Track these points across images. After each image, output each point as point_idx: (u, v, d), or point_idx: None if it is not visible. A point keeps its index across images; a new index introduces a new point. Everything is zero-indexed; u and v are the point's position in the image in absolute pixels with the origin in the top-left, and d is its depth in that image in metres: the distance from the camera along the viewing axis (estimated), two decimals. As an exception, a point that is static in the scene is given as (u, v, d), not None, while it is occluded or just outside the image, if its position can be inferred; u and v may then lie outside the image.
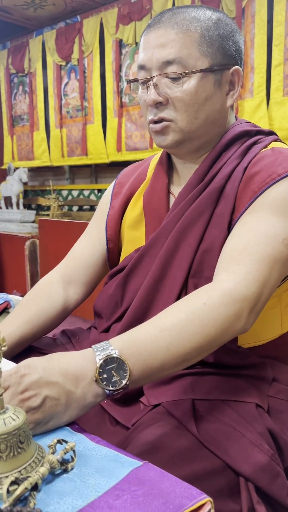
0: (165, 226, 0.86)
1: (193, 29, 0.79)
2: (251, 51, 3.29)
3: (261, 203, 0.77)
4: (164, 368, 0.64)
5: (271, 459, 0.67)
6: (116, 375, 0.59)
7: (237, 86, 0.85)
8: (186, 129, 0.82)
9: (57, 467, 0.47)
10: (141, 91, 0.86)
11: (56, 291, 0.97)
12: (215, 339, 0.67)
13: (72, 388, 0.58)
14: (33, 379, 0.56)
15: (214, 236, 0.81)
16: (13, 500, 0.41)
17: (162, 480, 0.46)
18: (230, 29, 0.83)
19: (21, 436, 0.46)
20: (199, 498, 0.43)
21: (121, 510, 0.42)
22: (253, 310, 0.69)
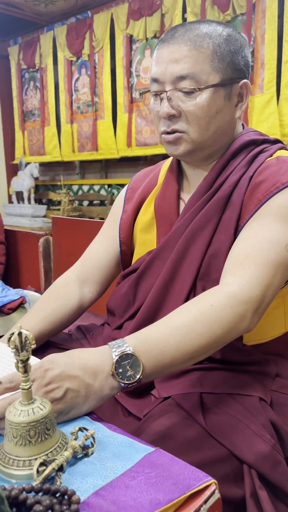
0: (176, 231, 0.91)
1: (206, 45, 0.83)
2: (261, 46, 3.29)
3: (266, 210, 0.81)
4: (174, 364, 0.70)
5: (273, 448, 0.72)
6: (130, 370, 0.65)
7: (245, 98, 0.89)
8: (198, 140, 0.86)
9: (79, 451, 0.53)
10: (153, 102, 0.90)
11: (72, 290, 1.02)
12: (221, 338, 0.72)
13: (90, 381, 0.63)
14: (55, 373, 0.62)
15: (221, 241, 0.85)
16: (43, 479, 0.47)
17: (172, 464, 0.52)
18: (239, 45, 0.87)
19: (47, 423, 0.52)
20: (205, 480, 0.49)
21: (136, 488, 0.47)
22: (257, 311, 0.74)
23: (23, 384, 0.52)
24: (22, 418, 0.51)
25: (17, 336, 0.50)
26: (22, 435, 0.51)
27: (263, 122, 3.26)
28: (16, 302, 1.76)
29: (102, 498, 0.47)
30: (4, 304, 1.75)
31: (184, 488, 0.47)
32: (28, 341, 0.51)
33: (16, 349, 0.50)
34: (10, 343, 0.50)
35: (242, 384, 0.82)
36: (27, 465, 0.50)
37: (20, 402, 0.53)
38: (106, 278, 1.07)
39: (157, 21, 3.67)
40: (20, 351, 0.51)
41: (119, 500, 0.46)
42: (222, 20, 3.31)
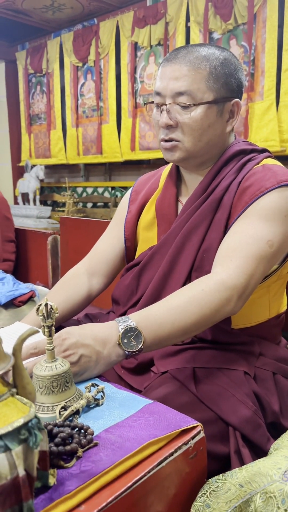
0: (174, 229, 1.03)
1: (203, 67, 0.95)
2: (262, 55, 3.39)
3: (251, 211, 0.93)
4: (170, 338, 0.83)
5: (254, 413, 0.84)
6: (133, 341, 0.78)
7: (236, 115, 1.01)
8: (191, 149, 0.99)
9: (92, 401, 0.66)
10: (155, 112, 1.03)
11: (82, 281, 1.15)
12: (210, 318, 0.85)
13: (100, 349, 0.76)
14: (72, 342, 0.75)
15: (212, 238, 0.98)
16: (64, 418, 0.60)
17: (167, 412, 0.64)
18: (234, 68, 0.99)
19: (67, 378, 0.65)
20: (192, 422, 0.61)
21: (138, 427, 0.60)
22: (241, 296, 0.87)
23: (48, 345, 0.65)
24: (47, 372, 0.64)
25: (44, 307, 0.63)
26: (47, 386, 0.63)
27: (262, 128, 3.37)
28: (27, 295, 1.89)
29: (111, 433, 0.59)
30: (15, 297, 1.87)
31: (176, 427, 0.60)
32: (53, 311, 0.63)
33: (43, 316, 0.63)
34: (39, 312, 0.62)
35: (229, 360, 0.94)
36: (50, 410, 0.63)
37: (45, 360, 0.65)
38: (112, 271, 1.20)
39: (161, 29, 3.79)
40: (46, 318, 0.63)
41: (124, 434, 0.58)
42: (224, 29, 3.43)
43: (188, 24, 3.64)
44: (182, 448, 0.58)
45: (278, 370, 0.99)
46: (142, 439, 0.57)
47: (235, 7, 3.37)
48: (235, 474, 0.57)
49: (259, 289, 0.99)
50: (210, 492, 0.57)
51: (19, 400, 0.46)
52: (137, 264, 1.12)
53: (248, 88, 3.39)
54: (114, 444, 0.56)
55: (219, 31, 3.46)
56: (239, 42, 3.43)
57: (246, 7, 3.30)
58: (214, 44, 3.43)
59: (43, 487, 0.50)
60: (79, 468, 0.52)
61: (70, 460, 0.54)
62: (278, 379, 0.97)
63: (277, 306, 1.06)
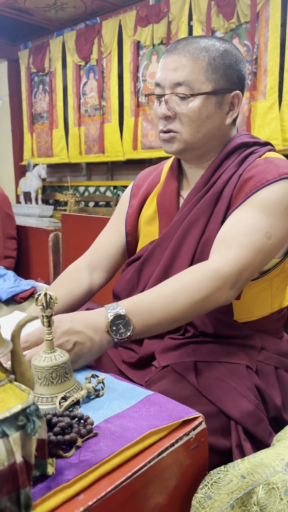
0: (175, 223, 1.03)
1: (202, 57, 0.94)
2: (264, 54, 3.39)
3: (251, 201, 0.93)
4: (161, 326, 0.82)
5: (256, 407, 0.83)
6: (122, 328, 0.77)
7: (237, 108, 1.00)
8: (189, 141, 0.98)
9: (92, 392, 0.65)
10: (156, 104, 1.02)
11: (83, 276, 1.14)
12: (201, 306, 0.84)
13: (93, 335, 0.76)
14: (64, 329, 0.74)
15: (211, 230, 0.97)
16: (65, 408, 0.59)
17: (168, 403, 0.64)
18: (234, 59, 0.98)
19: (66, 368, 0.64)
20: (193, 413, 0.60)
21: (138, 418, 0.59)
22: (233, 286, 0.87)
23: (47, 336, 0.64)
24: (46, 363, 0.63)
25: (44, 296, 0.62)
26: (46, 376, 0.62)
27: (265, 127, 3.36)
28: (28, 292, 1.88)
29: (111, 423, 0.58)
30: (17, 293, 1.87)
31: (177, 418, 0.59)
32: (52, 301, 0.62)
33: (43, 306, 0.62)
34: (38, 301, 0.62)
35: (231, 354, 0.93)
36: (49, 401, 0.62)
37: (44, 351, 0.65)
38: (113, 266, 1.19)
39: (163, 28, 3.79)
40: (46, 308, 0.62)
41: (124, 424, 0.58)
42: (227, 28, 3.43)
43: (191, 23, 3.63)
44: (183, 439, 0.57)
45: (280, 365, 0.98)
46: (142, 429, 0.56)
47: (238, 5, 3.36)
48: (237, 465, 0.56)
49: (261, 282, 0.99)
50: (212, 484, 0.56)
51: (17, 387, 0.46)
52: (138, 259, 1.11)
53: (250, 87, 3.38)
54: (114, 434, 0.56)
55: (221, 30, 3.45)
56: (242, 41, 3.42)
57: (249, 5, 3.30)
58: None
59: (41, 476, 0.49)
60: (78, 458, 0.52)
61: (69, 450, 0.53)
62: (280, 373, 0.96)
63: (279, 300, 1.05)
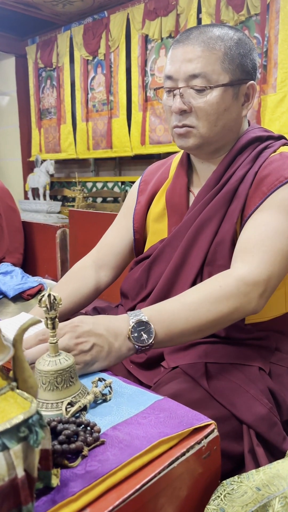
0: (186, 221, 0.99)
1: (218, 47, 0.90)
2: (275, 46, 3.33)
3: (271, 202, 0.89)
4: (183, 335, 0.79)
5: (269, 411, 0.80)
6: (144, 334, 0.74)
7: (251, 99, 0.96)
8: (206, 135, 0.94)
9: (99, 396, 0.62)
10: (166, 98, 0.97)
11: (89, 274, 1.11)
12: (227, 316, 0.80)
13: (112, 340, 0.73)
14: (85, 329, 0.72)
15: (225, 230, 0.93)
16: (71, 414, 0.56)
17: (178, 408, 0.61)
18: (248, 48, 0.94)
19: (71, 372, 0.61)
20: (205, 420, 0.57)
21: (147, 425, 0.56)
22: (263, 294, 0.83)
23: (51, 338, 0.61)
24: (50, 367, 0.60)
25: (47, 297, 0.59)
26: (51, 381, 0.60)
27: (275, 121, 3.31)
28: (35, 288, 1.86)
29: (119, 431, 0.55)
30: (24, 290, 1.85)
31: (188, 425, 0.56)
32: (56, 302, 0.59)
33: (46, 308, 0.59)
34: (42, 303, 0.59)
35: (243, 356, 0.90)
36: (54, 407, 0.59)
37: (48, 354, 0.62)
38: (121, 263, 1.16)
39: (172, 21, 3.74)
40: (49, 310, 0.59)
41: (133, 432, 0.55)
42: (237, 20, 3.37)
43: (200, 15, 3.58)
44: (195, 447, 0.54)
45: (295, 366, 0.94)
46: (152, 437, 0.53)
47: (248, -3, 3.30)
48: (251, 476, 0.53)
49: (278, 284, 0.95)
50: (225, 495, 0.53)
51: (19, 395, 0.43)
52: (147, 257, 1.08)
53: (260, 80, 3.33)
54: (122, 442, 0.53)
55: (231, 22, 3.40)
56: (252, 33, 3.37)
57: (259, -3, 3.24)
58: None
59: (45, 488, 0.47)
60: (85, 468, 0.49)
61: (75, 459, 0.50)
62: (295, 375, 0.93)
63: (293, 299, 1.01)
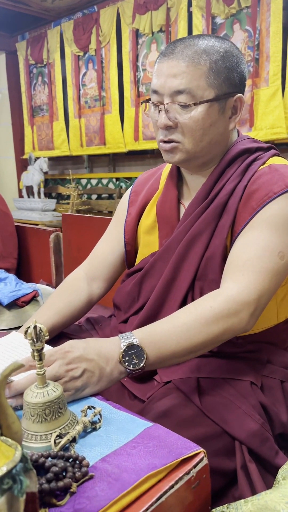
0: (177, 235, 0.98)
1: (203, 62, 0.88)
2: (266, 39, 3.30)
3: (260, 219, 0.88)
4: (175, 356, 0.79)
5: (261, 426, 0.81)
6: (135, 358, 0.74)
7: (239, 111, 0.94)
8: (192, 150, 0.93)
9: (89, 426, 0.62)
10: (153, 111, 0.96)
11: (82, 287, 1.11)
12: (218, 336, 0.81)
13: (103, 365, 0.73)
14: (75, 355, 0.72)
15: (216, 245, 0.93)
16: (60, 448, 0.56)
17: (168, 436, 0.61)
18: (235, 61, 0.92)
19: (60, 403, 0.61)
20: (194, 449, 0.58)
21: (136, 456, 0.56)
22: (253, 314, 0.83)
23: (38, 370, 0.61)
24: (38, 399, 0.60)
25: (33, 329, 0.59)
26: (39, 413, 0.60)
27: (268, 115, 3.29)
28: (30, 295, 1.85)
29: (108, 463, 0.56)
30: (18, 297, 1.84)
31: (177, 455, 0.56)
32: (42, 333, 0.59)
33: (32, 340, 0.59)
34: (27, 335, 0.59)
35: (235, 370, 0.90)
36: (43, 439, 0.60)
37: (36, 385, 0.62)
38: (113, 275, 1.15)
39: (162, 15, 3.70)
40: (36, 342, 0.59)
41: (122, 464, 0.55)
42: (228, 13, 3.33)
43: (190, 9, 3.54)
44: (184, 478, 0.54)
45: (286, 378, 0.94)
46: (140, 470, 0.53)
47: (239, -10, 3.27)
48: (240, 507, 0.53)
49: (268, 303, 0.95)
50: (214, 525, 0.53)
51: (3, 442, 0.43)
52: (138, 270, 1.08)
53: (253, 74, 3.31)
54: (110, 475, 0.53)
55: (222, 15, 3.36)
56: (243, 26, 3.33)
57: (250, -11, 3.20)
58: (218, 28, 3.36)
59: (34, 529, 0.47)
60: (73, 506, 0.49)
61: (63, 496, 0.51)
62: (286, 387, 0.93)
63: (285, 310, 1.01)
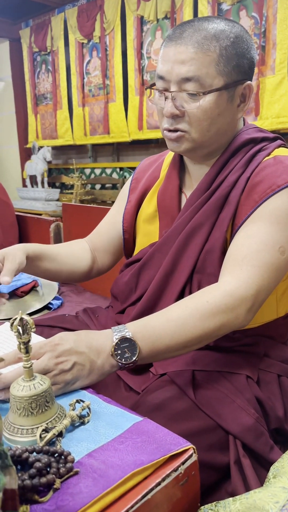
0: (177, 227, 0.96)
1: (212, 49, 0.83)
2: (273, 26, 3.24)
3: (262, 212, 0.85)
4: (169, 351, 0.77)
5: (256, 421, 0.79)
6: (128, 352, 0.73)
7: (248, 100, 0.91)
8: (199, 140, 0.90)
9: (77, 420, 0.61)
10: (158, 97, 0.92)
11: (87, 249, 1.14)
12: (213, 332, 0.79)
13: (94, 358, 0.72)
14: (65, 348, 0.70)
15: (215, 238, 0.90)
16: (45, 443, 0.55)
17: (157, 431, 0.59)
18: (246, 46, 0.88)
19: (47, 397, 0.60)
20: (184, 445, 0.56)
21: (123, 451, 0.55)
22: (250, 309, 0.81)
23: (25, 363, 0.60)
24: (24, 392, 0.59)
25: (19, 321, 0.57)
26: (25, 407, 0.58)
27: (274, 103, 3.24)
28: (29, 285, 1.85)
29: (94, 458, 0.54)
30: (18, 287, 1.84)
31: (165, 451, 0.55)
32: (28, 325, 0.58)
33: (18, 332, 0.58)
34: (13, 328, 0.57)
35: (231, 363, 0.89)
36: (29, 433, 0.58)
37: (23, 378, 0.60)
38: (115, 250, 1.16)
39: (167, 1, 3.64)
40: (22, 334, 0.58)
41: (108, 460, 0.54)
42: (233, 0, 3.27)
43: (196, -5, 3.48)
44: (171, 475, 0.53)
45: (283, 372, 0.93)
46: (126, 466, 0.52)
47: (245, -25, 3.20)
48: (228, 505, 0.52)
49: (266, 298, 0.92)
50: (202, 523, 0.52)
51: (-19, 438, 0.42)
52: (137, 261, 1.06)
53: (259, 61, 3.25)
54: (96, 471, 0.52)
55: (228, 1, 3.30)
56: (250, 13, 3.27)
57: (257, -26, 3.13)
58: (223, 15, 3.29)
59: (15, 526, 0.46)
60: (56, 503, 0.48)
61: (46, 493, 0.49)
62: (283, 381, 0.92)
63: (285, 305, 0.99)
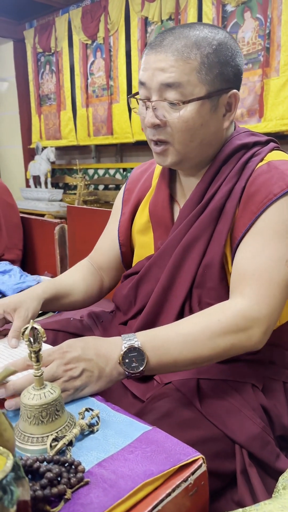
0: (172, 240, 0.95)
1: (193, 57, 0.81)
2: (278, 28, 3.23)
3: (262, 225, 0.84)
4: (176, 365, 0.78)
5: (262, 430, 0.79)
6: (136, 361, 0.73)
7: (234, 108, 0.88)
8: (182, 151, 0.88)
9: (86, 429, 0.61)
10: (141, 107, 0.90)
11: (94, 271, 1.14)
12: (223, 351, 0.79)
13: (103, 365, 0.72)
14: (74, 355, 0.71)
15: (213, 252, 0.89)
16: (56, 452, 0.56)
17: (166, 441, 0.60)
18: (230, 54, 0.85)
19: (57, 406, 0.60)
20: (193, 455, 0.57)
21: (133, 461, 0.55)
22: (266, 331, 0.80)
23: (36, 371, 0.60)
24: (35, 401, 0.59)
25: (30, 331, 0.58)
26: (36, 415, 0.59)
27: (278, 105, 3.24)
28: (33, 288, 1.85)
29: (104, 468, 0.55)
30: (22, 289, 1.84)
31: (175, 461, 0.55)
32: (39, 334, 0.58)
33: (30, 341, 0.58)
34: (24, 337, 0.58)
35: (236, 372, 0.89)
36: (40, 441, 0.59)
37: (33, 387, 0.61)
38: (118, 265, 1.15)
39: (172, 2, 3.64)
40: (33, 343, 0.58)
41: (118, 470, 0.54)
42: (238, 1, 3.27)
43: (200, -4, 3.48)
44: (181, 486, 0.53)
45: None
46: (137, 476, 0.52)
47: (250, -23, 3.20)
48: (238, 517, 0.52)
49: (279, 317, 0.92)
50: (211, 533, 0.52)
51: (-5, 450, 0.42)
52: (135, 273, 1.06)
53: (263, 63, 3.25)
54: (106, 481, 0.52)
55: (232, 3, 3.30)
56: (254, 14, 3.27)
57: (262, -24, 3.13)
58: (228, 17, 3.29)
59: (27, 536, 0.46)
60: (67, 514, 0.48)
61: (57, 503, 0.50)
62: (289, 388, 0.92)
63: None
